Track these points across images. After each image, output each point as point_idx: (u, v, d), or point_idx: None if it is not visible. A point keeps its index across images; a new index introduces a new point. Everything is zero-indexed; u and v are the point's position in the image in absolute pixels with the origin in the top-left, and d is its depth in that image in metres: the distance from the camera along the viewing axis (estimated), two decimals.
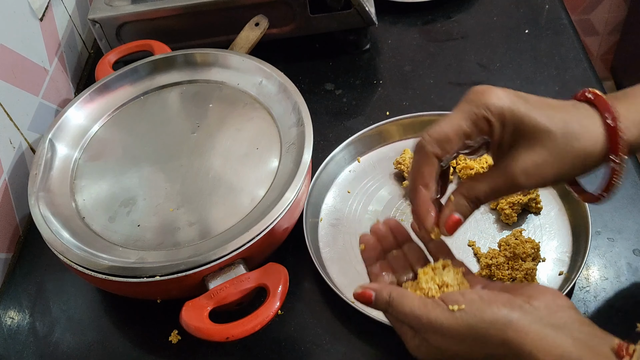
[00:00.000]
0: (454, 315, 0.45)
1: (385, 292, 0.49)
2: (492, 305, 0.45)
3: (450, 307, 0.46)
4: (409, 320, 0.48)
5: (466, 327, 0.45)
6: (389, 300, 0.49)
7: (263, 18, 0.83)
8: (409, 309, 0.47)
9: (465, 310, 0.45)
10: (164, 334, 0.64)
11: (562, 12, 0.96)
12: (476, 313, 0.45)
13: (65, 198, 0.67)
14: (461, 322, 0.45)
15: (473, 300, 0.46)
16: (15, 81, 0.77)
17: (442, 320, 0.46)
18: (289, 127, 0.70)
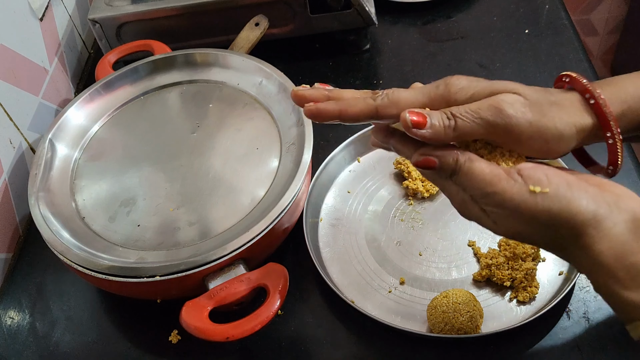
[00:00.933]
0: (534, 197, 0.41)
1: (452, 157, 0.44)
2: (580, 195, 0.41)
3: (532, 187, 0.41)
4: (475, 192, 0.43)
5: (545, 213, 0.41)
6: (455, 167, 0.43)
7: (263, 18, 0.83)
8: (481, 179, 0.43)
9: (549, 195, 0.41)
10: (164, 334, 0.64)
11: (562, 12, 0.96)
12: (562, 200, 0.41)
13: (65, 198, 0.67)
14: (540, 208, 0.41)
15: (559, 185, 0.42)
16: (15, 81, 0.77)
17: (518, 201, 0.42)
18: (289, 127, 0.70)
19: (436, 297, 0.61)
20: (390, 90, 0.46)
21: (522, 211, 0.42)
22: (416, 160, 0.45)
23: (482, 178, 0.43)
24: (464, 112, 0.43)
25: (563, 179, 0.42)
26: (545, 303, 0.62)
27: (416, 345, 0.62)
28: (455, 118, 0.43)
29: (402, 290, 0.66)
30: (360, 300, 0.65)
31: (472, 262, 0.67)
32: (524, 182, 0.42)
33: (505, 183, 0.42)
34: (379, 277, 0.67)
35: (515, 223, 0.43)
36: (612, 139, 0.45)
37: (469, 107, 0.44)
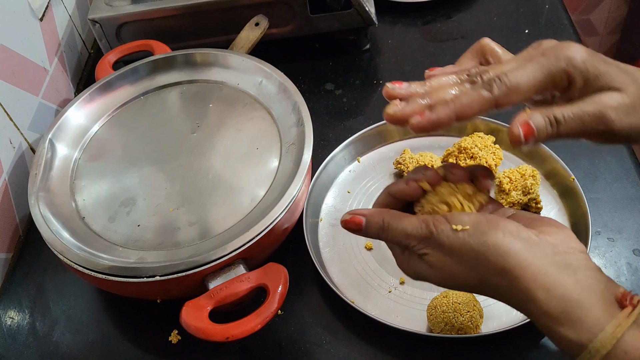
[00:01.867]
0: (457, 234, 0.43)
1: (378, 217, 0.46)
2: (497, 230, 0.42)
3: (454, 226, 0.43)
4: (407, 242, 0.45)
5: (468, 248, 0.43)
6: (382, 225, 0.46)
7: (263, 18, 0.83)
8: (410, 230, 0.45)
9: (469, 232, 0.43)
10: (164, 334, 0.64)
11: (562, 12, 0.96)
12: (479, 235, 0.42)
13: (65, 198, 0.67)
14: (463, 243, 0.43)
15: (479, 222, 0.43)
16: (15, 81, 0.77)
17: (444, 239, 0.43)
18: (289, 127, 0.70)
19: (436, 297, 0.61)
20: (501, 72, 0.43)
21: (448, 248, 0.44)
22: (343, 219, 0.48)
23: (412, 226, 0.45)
24: (569, 119, 0.42)
25: (483, 216, 0.44)
26: None
27: (416, 345, 0.62)
28: (559, 125, 0.42)
29: (402, 290, 0.66)
30: (360, 300, 0.65)
31: None
32: (447, 222, 0.44)
33: (432, 226, 0.44)
34: (379, 277, 0.67)
35: (448, 262, 0.44)
36: None
37: (573, 111, 0.42)
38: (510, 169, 0.70)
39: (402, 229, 0.46)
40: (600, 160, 0.75)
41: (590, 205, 0.67)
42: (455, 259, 0.44)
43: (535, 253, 0.42)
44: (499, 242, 0.42)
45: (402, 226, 0.46)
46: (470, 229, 0.43)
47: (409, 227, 0.45)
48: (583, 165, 0.74)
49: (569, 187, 0.70)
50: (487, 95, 0.42)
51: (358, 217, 0.48)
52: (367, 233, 0.48)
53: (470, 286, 0.45)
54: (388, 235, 0.47)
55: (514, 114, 0.44)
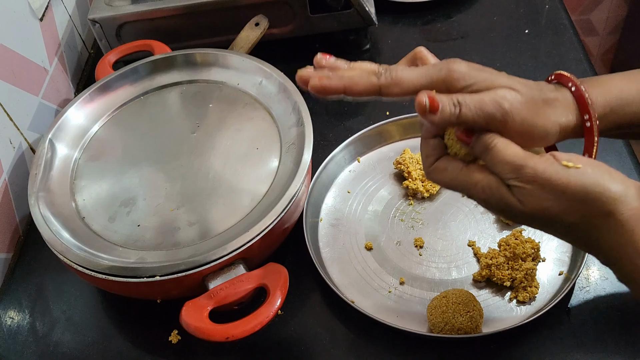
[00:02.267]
0: (566, 171, 0.42)
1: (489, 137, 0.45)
2: (612, 173, 0.43)
3: (564, 162, 0.43)
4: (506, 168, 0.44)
5: (579, 185, 0.42)
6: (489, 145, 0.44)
7: (263, 18, 0.83)
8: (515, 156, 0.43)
9: (582, 171, 0.42)
10: (164, 334, 0.64)
11: (562, 12, 0.96)
12: (594, 175, 0.42)
13: (65, 198, 0.67)
14: (573, 180, 0.42)
15: (591, 164, 0.43)
16: (15, 81, 0.77)
17: (550, 173, 0.43)
18: (289, 127, 0.70)
19: (436, 297, 0.61)
20: (393, 67, 0.47)
21: (554, 183, 0.43)
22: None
23: (515, 153, 0.44)
24: (469, 102, 0.45)
25: (594, 161, 0.44)
26: (545, 303, 0.62)
27: (416, 345, 0.62)
28: (461, 106, 0.45)
29: (402, 290, 0.66)
30: (360, 300, 0.65)
31: (472, 262, 0.67)
32: (556, 159, 0.43)
33: (537, 159, 0.44)
34: (379, 277, 0.67)
35: (544, 198, 0.43)
36: (589, 122, 0.47)
37: (473, 97, 0.45)
38: None
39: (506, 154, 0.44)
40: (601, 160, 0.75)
41: None
42: (558, 196, 0.43)
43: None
44: (612, 186, 0.42)
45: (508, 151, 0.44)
46: (582, 168, 0.43)
47: (517, 154, 0.44)
48: None
49: None
50: (374, 80, 0.47)
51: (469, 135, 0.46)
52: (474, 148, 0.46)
53: (564, 225, 0.44)
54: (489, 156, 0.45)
55: None
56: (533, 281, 0.63)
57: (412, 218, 0.72)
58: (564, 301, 0.63)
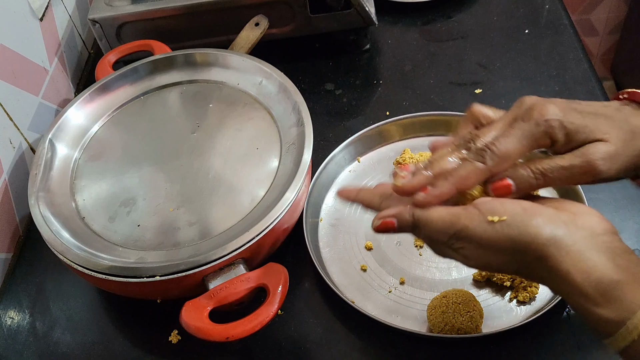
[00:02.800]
0: (493, 227, 0.43)
1: (407, 213, 0.47)
2: (536, 218, 0.43)
3: (490, 217, 0.43)
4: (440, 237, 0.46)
5: (507, 240, 0.43)
6: (413, 220, 0.46)
7: (263, 18, 0.83)
8: (440, 225, 0.45)
9: (507, 223, 0.43)
10: (164, 334, 0.64)
11: (562, 12, 0.96)
12: (519, 225, 0.43)
13: (65, 198, 0.67)
14: (501, 235, 0.43)
15: (515, 212, 0.43)
16: (15, 81, 0.77)
17: (480, 233, 0.44)
18: (289, 127, 0.70)
19: (436, 297, 0.61)
20: (490, 143, 0.46)
21: (485, 241, 0.44)
22: (376, 225, 0.48)
23: (442, 223, 0.45)
24: (555, 171, 0.46)
25: (518, 205, 0.44)
26: (545, 303, 0.62)
27: (416, 345, 0.62)
28: (545, 177, 0.46)
29: (402, 290, 0.66)
30: (360, 300, 0.65)
31: None
32: (481, 214, 0.44)
33: (464, 219, 0.45)
34: (379, 277, 0.67)
35: (482, 254, 0.45)
36: None
37: (561, 165, 0.46)
38: None
39: (434, 226, 0.46)
40: None
41: (590, 205, 0.67)
42: (492, 250, 0.44)
43: (574, 237, 0.43)
44: (540, 231, 0.43)
45: (434, 223, 0.46)
46: (507, 219, 0.43)
47: (440, 224, 0.45)
48: None
49: (569, 187, 0.70)
50: (481, 167, 0.46)
51: (389, 219, 0.48)
52: (400, 230, 0.48)
53: (509, 271, 0.46)
54: (421, 232, 0.47)
55: None
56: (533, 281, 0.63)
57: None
58: (564, 301, 0.63)
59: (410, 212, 0.47)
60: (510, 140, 0.46)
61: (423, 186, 0.46)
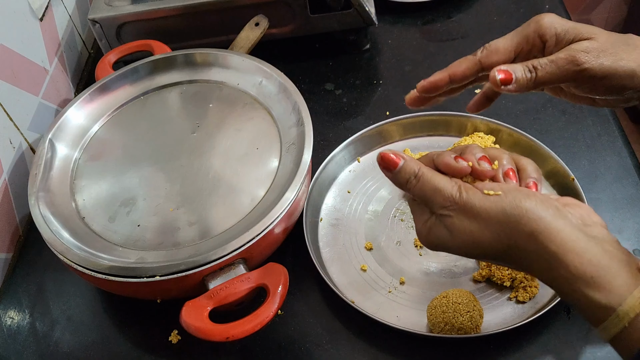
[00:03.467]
0: (488, 198, 0.45)
1: (415, 164, 0.48)
2: (530, 197, 0.44)
3: (486, 191, 0.45)
4: (434, 198, 0.46)
5: (499, 211, 0.44)
6: (417, 173, 0.47)
7: (263, 18, 0.83)
8: (440, 185, 0.46)
9: (501, 197, 0.45)
10: (164, 334, 0.64)
11: (562, 12, 0.96)
12: (513, 200, 0.44)
13: (65, 198, 0.67)
14: (494, 206, 0.44)
15: (510, 189, 0.45)
16: (15, 81, 0.77)
17: (474, 202, 0.45)
18: (289, 127, 0.70)
19: (436, 297, 0.61)
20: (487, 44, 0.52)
21: (477, 210, 0.45)
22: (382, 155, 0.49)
23: (440, 184, 0.46)
24: (544, 65, 0.49)
25: (514, 186, 0.46)
26: (545, 303, 0.62)
27: (416, 345, 0.62)
28: (536, 70, 0.49)
29: (402, 290, 0.66)
30: (360, 300, 0.65)
31: (472, 262, 0.67)
32: (478, 189, 0.46)
33: (462, 189, 0.46)
34: (379, 277, 0.67)
35: (470, 225, 0.45)
36: None
37: (548, 59, 0.50)
38: None
39: (433, 183, 0.47)
40: (600, 160, 0.75)
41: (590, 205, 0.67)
42: (482, 223, 0.45)
43: (565, 220, 0.44)
44: (531, 207, 0.44)
45: (434, 180, 0.47)
46: (502, 194, 0.45)
47: (441, 183, 0.46)
48: (583, 165, 0.74)
49: (569, 187, 0.70)
50: (471, 57, 0.52)
51: (397, 157, 0.48)
52: (398, 175, 0.49)
53: (494, 252, 0.46)
54: (417, 184, 0.47)
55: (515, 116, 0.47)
56: (533, 281, 0.63)
57: (412, 218, 0.72)
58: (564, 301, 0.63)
59: (418, 165, 0.48)
60: (502, 39, 0.53)
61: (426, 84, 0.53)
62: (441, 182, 0.47)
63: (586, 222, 0.45)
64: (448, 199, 0.46)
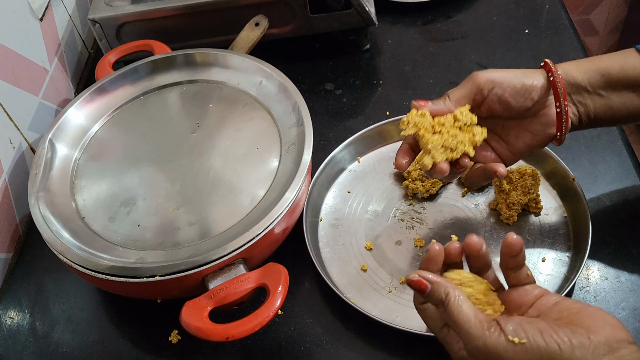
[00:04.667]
0: (513, 347, 0.44)
1: (443, 289, 0.48)
2: (553, 342, 0.44)
3: (511, 338, 0.44)
4: (460, 333, 0.47)
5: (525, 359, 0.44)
6: (444, 301, 0.47)
7: (263, 18, 0.83)
8: (466, 321, 0.46)
9: (526, 346, 0.44)
10: (164, 334, 0.64)
11: (562, 12, 0.96)
12: (539, 348, 0.44)
13: (65, 198, 0.67)
14: (520, 356, 0.44)
15: (534, 335, 0.44)
16: (15, 81, 0.77)
17: (500, 350, 0.45)
18: (289, 127, 0.70)
19: None
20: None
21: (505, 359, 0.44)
22: (411, 278, 0.49)
23: (468, 318, 0.46)
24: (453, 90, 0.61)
25: (535, 327, 0.45)
26: None
27: (416, 345, 0.62)
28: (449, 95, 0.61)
29: (402, 290, 0.66)
30: (360, 300, 0.65)
31: None
32: (503, 332, 0.45)
33: (486, 331, 0.45)
34: (379, 277, 0.67)
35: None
36: (559, 108, 0.59)
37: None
38: (510, 169, 0.70)
39: (456, 317, 0.46)
40: (600, 160, 0.75)
41: (590, 205, 0.67)
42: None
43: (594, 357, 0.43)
44: (558, 356, 0.43)
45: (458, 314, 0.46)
46: (527, 343, 0.44)
47: (464, 319, 0.46)
48: (583, 165, 0.74)
49: (569, 187, 0.70)
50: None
51: (424, 282, 0.49)
52: (427, 299, 0.50)
53: None
54: (444, 313, 0.48)
55: None
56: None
57: (412, 218, 0.72)
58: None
59: (446, 288, 0.48)
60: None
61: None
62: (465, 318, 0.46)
63: (613, 347, 0.44)
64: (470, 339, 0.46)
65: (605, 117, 0.61)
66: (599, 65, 0.60)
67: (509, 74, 0.60)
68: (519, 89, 0.59)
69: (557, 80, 0.58)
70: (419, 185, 0.72)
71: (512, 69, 0.61)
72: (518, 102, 0.59)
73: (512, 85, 0.59)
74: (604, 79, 0.59)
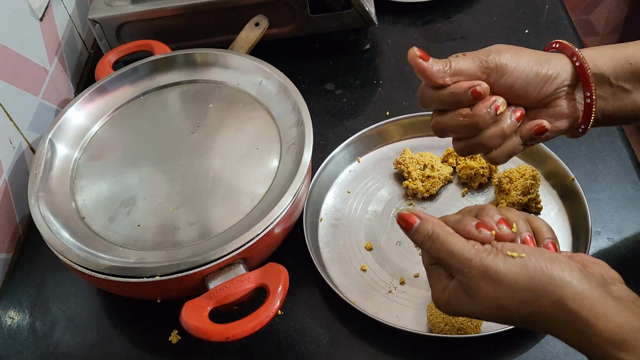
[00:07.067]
0: (514, 261, 0.43)
1: (429, 226, 0.47)
2: (554, 262, 0.43)
3: (509, 252, 0.43)
4: (453, 262, 0.45)
5: (525, 276, 0.43)
6: (431, 234, 0.46)
7: (263, 18, 0.83)
8: (457, 248, 0.45)
9: (525, 261, 0.43)
10: (164, 334, 0.64)
11: (562, 12, 0.96)
12: (537, 265, 0.43)
13: (65, 198, 0.67)
14: (520, 271, 0.43)
15: (532, 251, 0.44)
16: (15, 81, 0.77)
17: (499, 266, 0.43)
18: (289, 127, 0.70)
19: None
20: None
21: (504, 275, 0.43)
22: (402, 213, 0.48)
23: (456, 247, 0.45)
24: (459, 57, 0.55)
25: (537, 249, 0.45)
26: None
27: (416, 345, 0.62)
28: (451, 63, 0.54)
29: (402, 290, 0.66)
30: (360, 300, 0.65)
31: None
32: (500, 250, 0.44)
33: (482, 251, 0.44)
34: (379, 277, 0.67)
35: (495, 292, 0.44)
36: (590, 99, 0.52)
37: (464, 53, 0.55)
38: (510, 169, 0.70)
39: (448, 246, 0.45)
40: (600, 160, 0.75)
41: (590, 205, 0.67)
42: (507, 289, 0.43)
43: (590, 283, 0.43)
44: (557, 273, 0.43)
45: (449, 243, 0.45)
46: (526, 258, 0.43)
47: (457, 246, 0.45)
48: (583, 165, 0.74)
49: (569, 187, 0.70)
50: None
51: (414, 217, 0.48)
52: (414, 236, 0.48)
53: (519, 316, 0.45)
54: (432, 245, 0.46)
55: None
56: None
57: None
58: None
59: (432, 226, 0.47)
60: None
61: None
62: (457, 245, 0.45)
63: (607, 281, 0.44)
64: (466, 264, 0.44)
65: (621, 115, 0.55)
66: (625, 51, 0.54)
67: (522, 58, 0.53)
68: (531, 79, 0.52)
69: (588, 67, 0.52)
70: (419, 185, 0.72)
71: (527, 51, 0.54)
72: (529, 95, 0.53)
73: (525, 76, 0.52)
74: (632, 67, 0.53)
